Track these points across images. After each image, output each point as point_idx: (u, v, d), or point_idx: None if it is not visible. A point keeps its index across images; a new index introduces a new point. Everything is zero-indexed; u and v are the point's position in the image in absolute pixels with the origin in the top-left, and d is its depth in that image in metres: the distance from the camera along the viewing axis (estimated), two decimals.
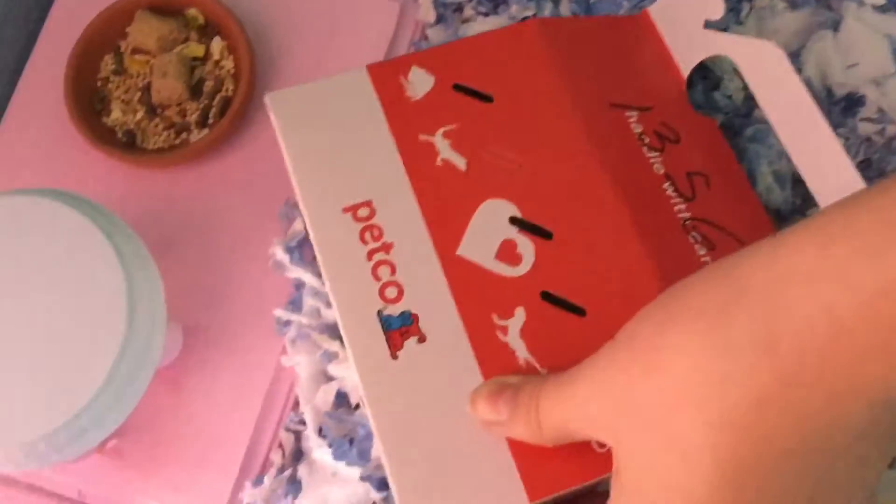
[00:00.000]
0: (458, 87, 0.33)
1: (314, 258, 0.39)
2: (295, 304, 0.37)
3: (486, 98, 0.32)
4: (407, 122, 0.32)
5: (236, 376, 0.36)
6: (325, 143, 0.32)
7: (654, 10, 0.35)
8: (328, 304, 0.36)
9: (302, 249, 0.37)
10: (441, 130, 0.32)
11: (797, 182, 0.35)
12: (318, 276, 0.37)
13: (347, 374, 0.36)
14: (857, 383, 0.20)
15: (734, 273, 0.22)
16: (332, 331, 0.36)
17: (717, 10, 0.33)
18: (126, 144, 0.39)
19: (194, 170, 0.39)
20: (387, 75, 0.33)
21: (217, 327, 0.37)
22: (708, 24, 0.34)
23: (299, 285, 0.37)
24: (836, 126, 0.36)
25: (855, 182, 0.30)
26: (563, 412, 0.25)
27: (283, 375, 0.37)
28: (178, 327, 0.37)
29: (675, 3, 0.34)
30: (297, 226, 0.38)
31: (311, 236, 0.31)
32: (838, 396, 0.20)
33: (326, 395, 0.36)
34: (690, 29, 0.34)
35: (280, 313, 0.37)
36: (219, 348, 0.37)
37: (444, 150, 0.32)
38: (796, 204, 0.36)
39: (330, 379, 0.36)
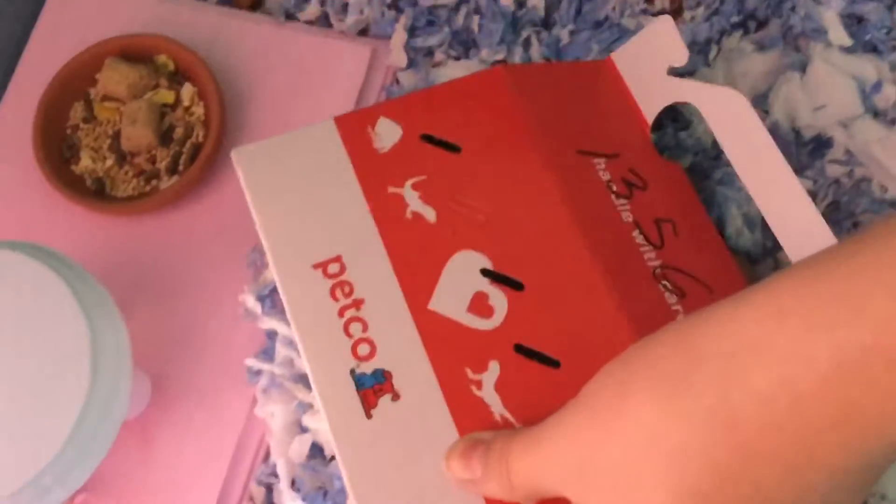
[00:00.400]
0: (425, 138, 0.32)
1: None
2: (267, 354, 0.37)
3: (454, 148, 0.32)
4: (375, 174, 0.32)
5: (206, 428, 0.36)
6: (293, 199, 0.32)
7: (617, 57, 0.35)
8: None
9: (273, 298, 0.37)
10: (410, 182, 0.32)
11: (767, 225, 0.35)
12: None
13: (322, 426, 0.35)
14: (816, 455, 0.20)
15: (694, 338, 0.22)
16: (306, 381, 0.36)
17: (681, 58, 0.33)
18: (95, 192, 0.39)
19: (164, 217, 0.39)
20: (354, 127, 0.33)
21: (186, 378, 0.37)
22: (676, 68, 0.34)
23: (271, 334, 0.37)
24: (804, 168, 0.37)
25: (820, 229, 0.30)
26: (530, 469, 0.25)
27: (254, 427, 0.36)
28: (147, 378, 0.36)
29: (638, 50, 0.34)
30: (268, 273, 0.37)
31: (282, 294, 0.31)
32: (798, 468, 0.20)
33: (301, 447, 0.35)
34: (654, 75, 0.34)
35: (251, 363, 0.36)
36: (188, 399, 0.36)
37: (414, 202, 0.32)
38: (767, 246, 0.36)
39: (304, 430, 0.36)
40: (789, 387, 0.20)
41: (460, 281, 0.30)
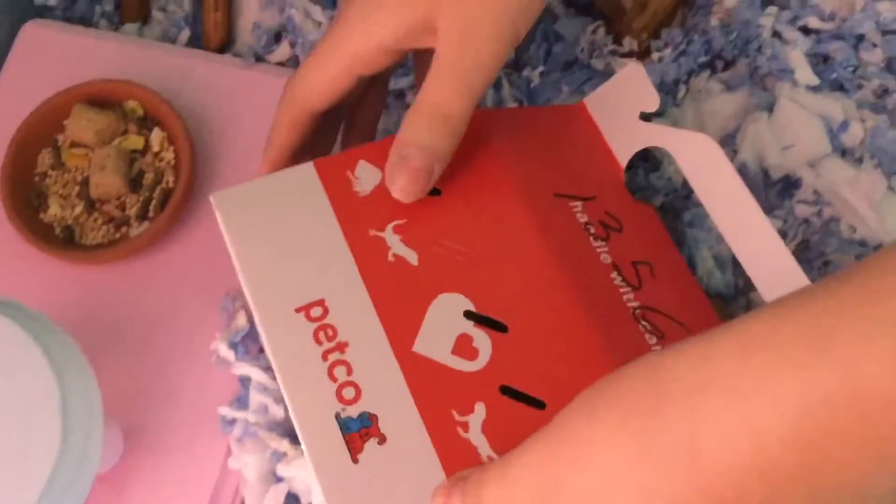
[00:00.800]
0: None
1: (260, 351, 0.38)
2: (241, 402, 0.36)
3: (434, 191, 0.32)
4: (356, 217, 0.32)
5: (180, 479, 0.35)
6: (274, 243, 0.32)
7: (589, 102, 0.35)
8: (276, 400, 0.36)
9: (247, 344, 0.37)
10: (391, 225, 0.32)
11: (738, 264, 0.35)
12: (265, 370, 0.36)
13: (298, 474, 0.35)
14: (778, 501, 0.20)
15: (664, 372, 0.22)
16: (281, 428, 0.35)
17: (653, 104, 0.33)
18: (64, 241, 0.39)
19: (134, 265, 0.39)
20: (334, 170, 0.33)
21: (160, 428, 0.36)
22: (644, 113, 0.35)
23: (245, 381, 0.37)
24: (773, 208, 0.37)
25: (792, 268, 0.30)
26: (499, 496, 0.25)
27: (229, 477, 0.36)
28: (119, 430, 0.36)
29: (610, 95, 0.35)
30: (240, 319, 0.37)
31: (264, 340, 0.30)
32: None
33: (276, 497, 0.35)
34: (626, 120, 0.34)
35: (225, 411, 0.36)
36: (162, 450, 0.36)
37: (395, 245, 0.32)
38: (738, 286, 0.36)
39: (279, 479, 0.35)
40: (754, 432, 0.20)
41: (444, 323, 0.30)
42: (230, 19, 0.44)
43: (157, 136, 0.40)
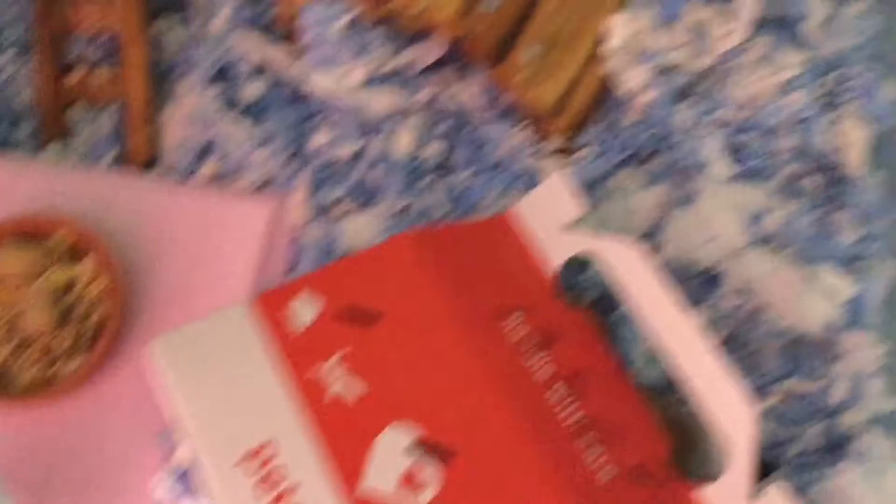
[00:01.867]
0: (342, 313, 0.33)
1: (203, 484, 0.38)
2: None
3: (371, 320, 0.33)
4: (294, 357, 0.32)
5: None
6: (216, 390, 0.32)
7: (513, 213, 0.36)
8: None
9: (187, 480, 0.36)
10: (330, 361, 0.32)
11: None
12: None
13: None
14: None
15: None
16: None
17: (576, 212, 0.34)
18: None
19: (68, 402, 0.38)
20: (268, 308, 0.33)
21: None
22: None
23: None
24: (698, 302, 0.38)
25: (718, 369, 0.31)
26: None
27: None
28: None
29: (533, 207, 0.36)
30: (181, 452, 0.37)
31: (211, 489, 0.30)
32: None
33: None
34: (551, 230, 0.35)
35: None
36: None
37: (335, 381, 0.32)
38: (672, 378, 0.37)
39: None
40: None
41: (391, 457, 0.30)
42: (155, 135, 0.44)
43: (86, 266, 0.39)
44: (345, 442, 0.31)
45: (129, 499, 0.36)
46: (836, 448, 0.35)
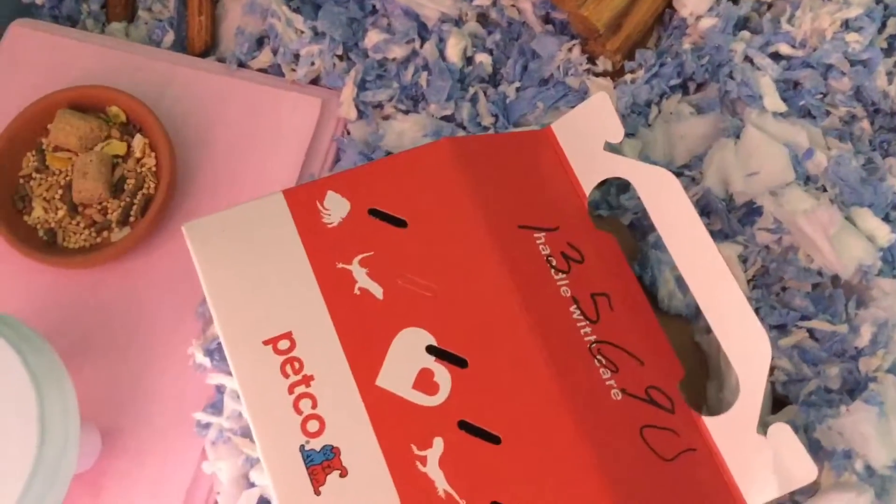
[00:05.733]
0: (373, 213, 0.33)
1: None
2: (216, 407, 0.38)
3: (401, 223, 0.33)
4: (324, 249, 0.33)
5: (156, 479, 0.37)
6: (244, 274, 0.32)
7: (557, 128, 0.36)
8: None
9: (222, 352, 0.38)
10: (358, 259, 0.33)
11: None
12: None
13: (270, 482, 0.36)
14: None
15: None
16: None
17: (617, 135, 0.34)
18: (47, 244, 0.40)
19: (114, 269, 0.40)
20: (303, 200, 0.34)
21: (137, 429, 0.38)
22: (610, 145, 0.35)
23: (220, 387, 0.38)
24: (735, 234, 0.38)
25: (739, 301, 0.31)
26: None
27: (203, 479, 0.37)
28: (96, 431, 0.37)
29: (576, 123, 0.35)
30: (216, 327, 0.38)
31: (232, 370, 0.31)
32: None
33: (249, 501, 0.36)
34: (591, 149, 0.35)
35: (200, 416, 0.37)
36: (139, 451, 0.37)
37: (362, 278, 0.32)
38: (698, 307, 0.37)
39: (252, 485, 0.37)
40: None
41: (406, 358, 0.31)
42: (214, 23, 0.45)
43: (138, 142, 0.41)
44: (363, 338, 0.31)
45: (167, 364, 0.38)
46: (851, 391, 0.36)
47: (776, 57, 0.40)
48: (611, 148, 0.35)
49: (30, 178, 0.41)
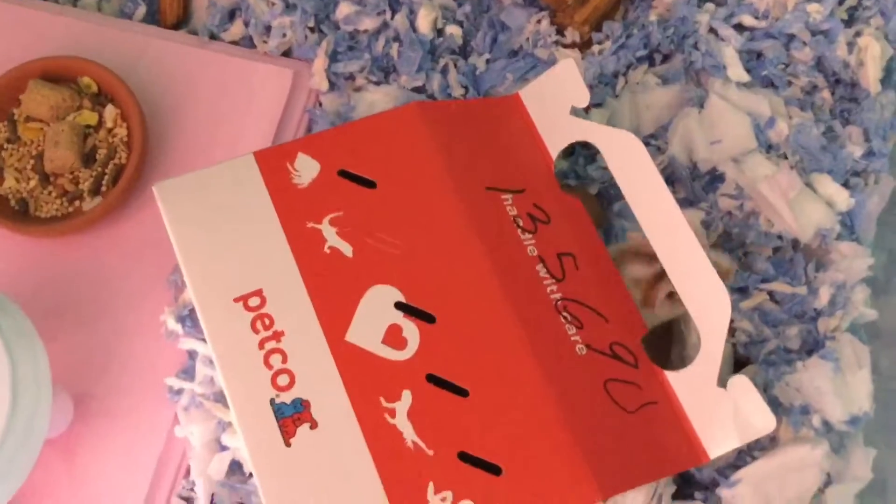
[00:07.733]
0: (342, 174, 0.34)
1: None
2: (188, 373, 0.38)
3: (369, 184, 0.34)
4: (294, 209, 0.33)
5: (128, 445, 0.37)
6: (215, 234, 0.33)
7: (524, 95, 0.37)
8: None
9: (193, 317, 0.38)
10: (328, 218, 0.33)
11: None
12: None
13: (241, 444, 0.37)
14: None
15: None
16: (226, 400, 0.37)
17: (583, 100, 0.35)
18: (19, 213, 0.40)
19: (87, 238, 0.40)
20: (274, 162, 0.34)
21: (109, 396, 0.38)
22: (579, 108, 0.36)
23: (192, 353, 0.38)
24: (699, 200, 0.39)
25: (701, 259, 0.32)
26: None
27: (175, 443, 0.37)
28: (69, 397, 0.37)
29: (543, 90, 0.36)
30: (188, 294, 0.39)
31: (203, 327, 0.32)
32: None
33: (220, 465, 0.37)
34: (558, 114, 0.36)
35: (172, 381, 0.38)
36: (111, 417, 0.38)
37: (331, 237, 0.33)
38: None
39: (224, 448, 0.37)
40: None
41: (375, 314, 0.32)
42: None
43: (110, 112, 0.41)
44: (333, 295, 0.32)
45: (139, 331, 0.39)
46: (810, 351, 0.37)
47: (740, 28, 0.41)
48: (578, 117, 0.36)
49: (1, 149, 0.41)
